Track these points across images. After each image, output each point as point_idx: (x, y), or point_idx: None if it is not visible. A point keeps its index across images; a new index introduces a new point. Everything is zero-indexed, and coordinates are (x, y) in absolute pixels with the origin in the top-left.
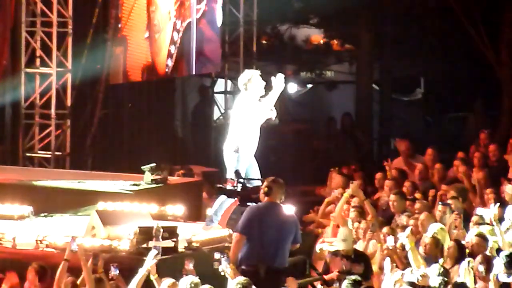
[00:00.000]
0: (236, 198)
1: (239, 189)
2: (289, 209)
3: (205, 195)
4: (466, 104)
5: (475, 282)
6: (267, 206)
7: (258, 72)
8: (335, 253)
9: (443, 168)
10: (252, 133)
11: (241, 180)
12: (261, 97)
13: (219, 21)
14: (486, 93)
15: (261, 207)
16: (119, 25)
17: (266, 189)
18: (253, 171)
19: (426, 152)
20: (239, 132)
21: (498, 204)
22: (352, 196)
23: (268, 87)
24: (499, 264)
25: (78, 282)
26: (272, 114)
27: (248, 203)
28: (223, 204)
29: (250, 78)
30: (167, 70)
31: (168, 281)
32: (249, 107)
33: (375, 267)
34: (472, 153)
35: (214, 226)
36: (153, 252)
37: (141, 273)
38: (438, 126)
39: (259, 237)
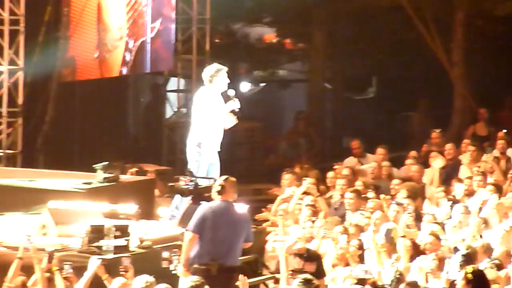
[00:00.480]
0: (191, 197)
1: (191, 187)
2: (241, 208)
3: (158, 193)
4: (415, 103)
5: (427, 281)
6: (219, 205)
7: (226, 68)
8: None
9: (390, 166)
10: (215, 128)
11: (194, 179)
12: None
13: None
14: (437, 92)
15: (214, 205)
16: (68, 46)
17: (218, 187)
18: (214, 169)
19: (376, 151)
20: (202, 126)
21: (450, 203)
22: (304, 193)
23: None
24: (454, 262)
25: (30, 282)
26: (236, 105)
27: (200, 202)
28: (183, 201)
29: (218, 71)
30: None
31: (119, 280)
32: (212, 100)
33: (327, 266)
34: (424, 152)
35: (176, 222)
36: (94, 258)
37: (85, 277)
38: (390, 125)
39: (211, 236)
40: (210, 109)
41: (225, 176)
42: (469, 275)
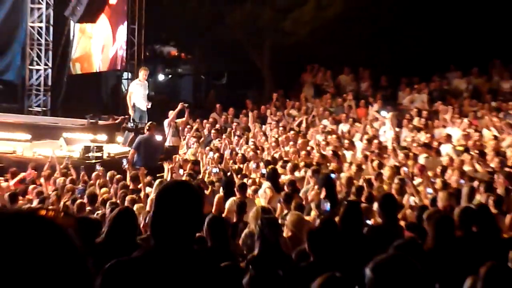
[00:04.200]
0: (133, 133)
1: (134, 127)
2: (159, 138)
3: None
4: (248, 86)
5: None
6: (147, 136)
7: (146, 69)
8: (186, 160)
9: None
10: (141, 97)
11: (135, 123)
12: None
13: None
14: (259, 82)
15: (145, 136)
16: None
17: (147, 127)
18: (143, 118)
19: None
20: (136, 97)
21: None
22: (196, 130)
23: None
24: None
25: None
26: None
27: (138, 134)
28: (129, 135)
29: (142, 70)
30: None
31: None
32: (138, 86)
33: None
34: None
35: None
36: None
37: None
38: (234, 97)
39: (144, 152)
40: (137, 90)
41: (150, 122)
42: (267, 170)
